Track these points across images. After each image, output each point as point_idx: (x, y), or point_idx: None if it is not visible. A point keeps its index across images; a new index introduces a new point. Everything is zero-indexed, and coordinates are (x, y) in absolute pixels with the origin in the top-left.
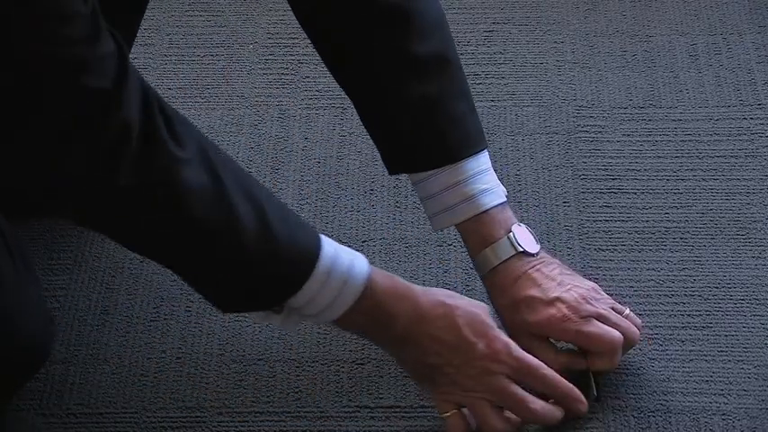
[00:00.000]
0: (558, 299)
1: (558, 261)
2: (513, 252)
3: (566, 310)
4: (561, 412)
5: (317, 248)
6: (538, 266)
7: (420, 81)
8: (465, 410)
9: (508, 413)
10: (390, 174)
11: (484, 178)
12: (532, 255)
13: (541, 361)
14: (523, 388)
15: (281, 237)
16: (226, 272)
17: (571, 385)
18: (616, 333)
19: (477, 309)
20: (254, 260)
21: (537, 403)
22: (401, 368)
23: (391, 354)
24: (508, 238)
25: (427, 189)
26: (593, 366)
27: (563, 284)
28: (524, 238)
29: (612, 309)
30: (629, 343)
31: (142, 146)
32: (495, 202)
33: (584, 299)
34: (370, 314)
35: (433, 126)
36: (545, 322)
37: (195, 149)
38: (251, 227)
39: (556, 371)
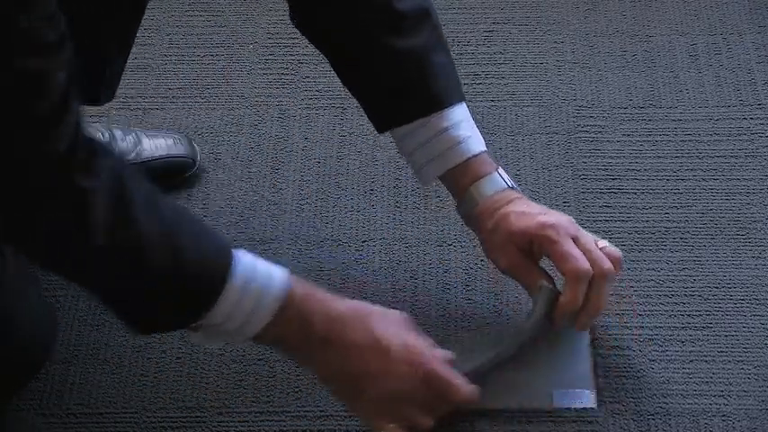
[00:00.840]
0: (548, 212)
1: None
2: (505, 186)
3: (555, 220)
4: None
5: (228, 265)
6: (525, 199)
7: (405, 35)
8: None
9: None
10: (380, 132)
11: (468, 125)
12: (520, 192)
13: (523, 276)
14: None
15: (189, 257)
16: (135, 294)
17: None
18: (586, 265)
19: (392, 313)
20: (160, 282)
21: (460, 386)
22: (330, 393)
23: (316, 371)
24: (498, 173)
25: (415, 139)
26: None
27: (551, 210)
28: (511, 179)
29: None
30: (600, 274)
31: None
32: (482, 149)
33: (570, 222)
34: (291, 323)
35: (420, 77)
36: (533, 226)
37: (108, 177)
38: (157, 251)
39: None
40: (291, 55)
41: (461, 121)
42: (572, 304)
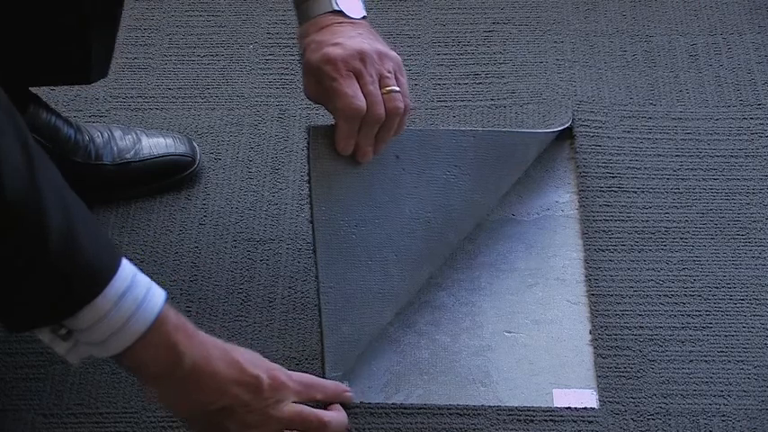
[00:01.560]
0: (339, 44)
1: (374, 33)
2: (327, 10)
3: (338, 55)
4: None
5: (115, 266)
6: (346, 24)
7: None
8: None
9: None
10: None
11: None
12: (349, 17)
13: (325, 106)
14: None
15: (83, 245)
16: (21, 275)
17: (338, 383)
18: (357, 104)
19: (249, 350)
20: (49, 262)
21: (327, 415)
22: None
23: (175, 405)
24: None
25: None
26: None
27: (353, 38)
28: (347, 3)
29: (396, 78)
30: (370, 117)
31: None
32: None
33: (361, 55)
34: (160, 349)
35: None
36: (317, 60)
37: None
38: (57, 225)
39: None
40: (291, 55)
41: None
42: (340, 145)
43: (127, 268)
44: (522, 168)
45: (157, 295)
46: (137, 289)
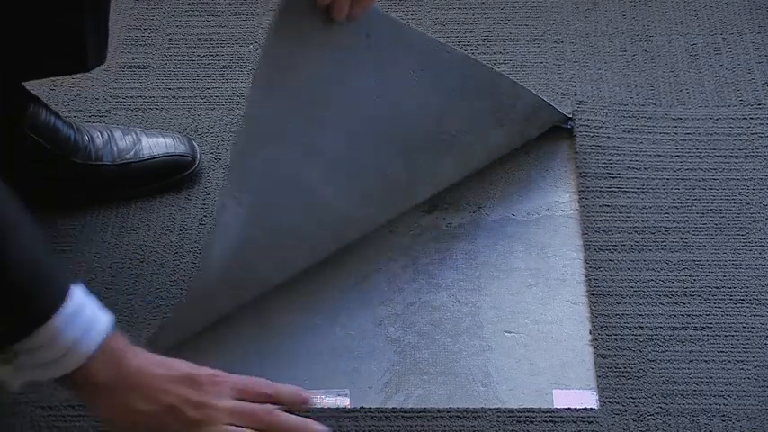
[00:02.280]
0: None
1: None
2: None
3: None
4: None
5: (69, 283)
6: None
7: None
8: None
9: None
10: None
11: None
12: None
13: None
14: None
15: (42, 259)
16: None
17: (290, 387)
18: None
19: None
20: (14, 281)
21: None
22: None
23: (122, 423)
24: None
25: None
26: None
27: None
28: None
29: None
30: None
31: None
32: None
33: None
34: (109, 358)
35: None
36: None
37: None
38: (18, 240)
39: None
40: None
41: None
42: None
43: (76, 285)
44: (499, 117)
45: (104, 312)
46: (90, 305)
